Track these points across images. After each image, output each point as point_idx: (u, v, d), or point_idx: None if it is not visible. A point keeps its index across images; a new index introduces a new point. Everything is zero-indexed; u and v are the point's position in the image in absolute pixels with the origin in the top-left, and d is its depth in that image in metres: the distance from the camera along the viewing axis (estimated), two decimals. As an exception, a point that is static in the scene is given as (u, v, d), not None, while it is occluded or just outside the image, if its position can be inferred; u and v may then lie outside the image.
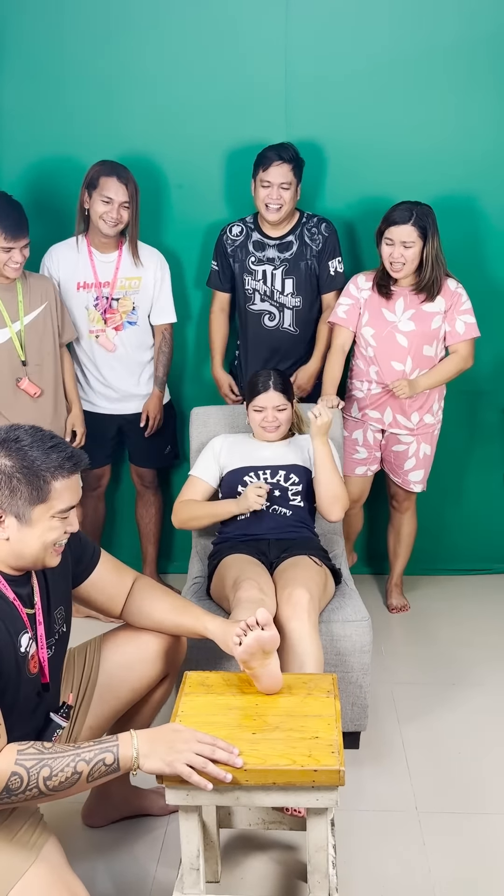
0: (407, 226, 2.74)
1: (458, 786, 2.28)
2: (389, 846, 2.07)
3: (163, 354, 3.12)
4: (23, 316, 2.77)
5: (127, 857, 2.04)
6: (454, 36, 3.01)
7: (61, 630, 1.72)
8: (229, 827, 1.98)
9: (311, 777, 1.56)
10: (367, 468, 3.13)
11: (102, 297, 2.97)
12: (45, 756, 1.44)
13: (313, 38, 3.05)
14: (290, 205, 2.91)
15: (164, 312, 3.09)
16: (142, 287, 3.01)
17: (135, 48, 3.07)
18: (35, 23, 3.05)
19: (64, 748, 1.47)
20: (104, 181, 2.82)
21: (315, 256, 3.00)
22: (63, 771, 1.43)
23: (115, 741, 1.51)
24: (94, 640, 1.95)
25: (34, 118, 3.12)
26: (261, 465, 2.60)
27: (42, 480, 1.51)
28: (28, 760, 1.42)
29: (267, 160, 2.85)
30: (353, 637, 2.32)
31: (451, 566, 3.56)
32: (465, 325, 2.89)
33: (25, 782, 1.41)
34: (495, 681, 2.78)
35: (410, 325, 2.87)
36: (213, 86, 3.08)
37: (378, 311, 2.90)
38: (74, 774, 1.45)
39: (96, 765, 1.47)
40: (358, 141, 3.11)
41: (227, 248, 3.04)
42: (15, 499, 1.50)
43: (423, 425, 3.01)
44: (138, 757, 1.50)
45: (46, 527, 1.55)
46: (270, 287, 3.02)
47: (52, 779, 1.43)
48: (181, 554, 3.48)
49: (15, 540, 1.54)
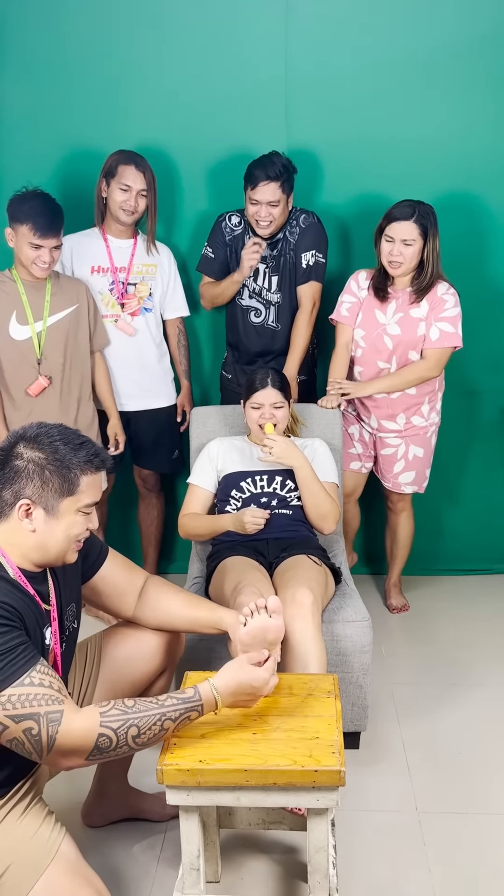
0: (409, 222, 2.72)
1: (458, 786, 2.28)
2: (389, 846, 2.07)
3: (182, 347, 3.16)
4: (46, 316, 2.77)
5: (127, 857, 2.04)
6: (454, 35, 3.01)
7: (72, 626, 1.75)
8: (229, 827, 1.98)
9: (312, 777, 1.56)
10: (362, 465, 3.14)
11: (119, 282, 2.97)
12: (130, 715, 1.52)
13: (313, 38, 3.05)
14: (280, 219, 2.88)
15: (178, 307, 3.11)
16: (158, 274, 3.02)
17: (135, 48, 3.06)
18: (36, 22, 3.05)
19: (146, 705, 1.54)
20: (122, 169, 2.83)
21: (293, 249, 2.97)
22: (151, 729, 1.53)
23: (199, 700, 1.59)
24: (94, 636, 1.97)
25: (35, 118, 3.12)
26: (257, 470, 2.59)
27: (72, 474, 1.57)
28: (114, 721, 1.50)
29: (254, 179, 2.80)
30: (353, 637, 2.32)
31: (451, 566, 3.56)
32: (439, 332, 2.82)
33: (115, 742, 1.50)
34: (495, 681, 2.78)
35: (397, 329, 2.86)
36: (213, 85, 3.08)
37: (371, 313, 2.89)
38: (161, 731, 1.55)
39: (182, 721, 1.58)
40: (357, 140, 3.11)
41: (225, 237, 3.02)
42: (46, 490, 1.56)
43: (412, 427, 2.99)
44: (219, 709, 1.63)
45: (72, 521, 1.60)
46: (259, 285, 3.01)
47: (140, 736, 1.52)
48: (181, 554, 3.48)
49: (41, 532, 1.58)
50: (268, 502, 2.54)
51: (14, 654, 1.46)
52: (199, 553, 2.76)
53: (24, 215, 2.63)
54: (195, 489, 2.65)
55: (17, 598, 1.54)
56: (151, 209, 2.93)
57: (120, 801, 2.12)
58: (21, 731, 1.45)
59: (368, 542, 3.55)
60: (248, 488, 2.56)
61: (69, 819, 2.12)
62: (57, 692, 1.47)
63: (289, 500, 2.55)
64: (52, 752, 1.47)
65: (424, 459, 3.07)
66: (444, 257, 2.86)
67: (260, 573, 2.34)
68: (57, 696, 1.47)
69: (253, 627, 1.72)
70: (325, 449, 2.67)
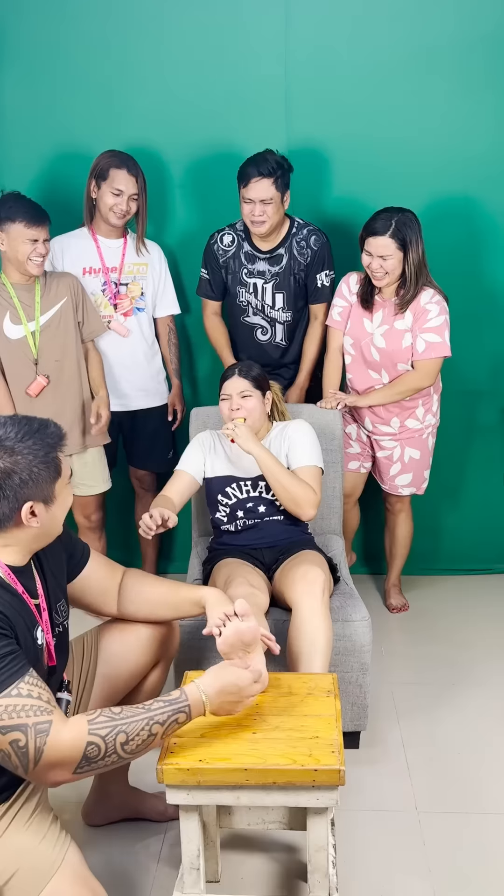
0: (384, 238, 2.65)
1: (458, 786, 2.28)
2: (389, 846, 2.07)
3: (173, 346, 3.15)
4: (38, 316, 2.78)
5: (127, 856, 2.04)
6: (454, 35, 3.01)
7: (63, 624, 1.74)
8: (229, 827, 1.98)
9: (312, 777, 1.56)
10: (361, 465, 3.13)
11: (111, 283, 2.97)
12: (118, 722, 1.49)
13: (313, 38, 3.05)
14: (274, 218, 2.83)
15: (168, 305, 3.11)
16: (149, 273, 3.02)
17: (135, 48, 3.07)
18: (37, 22, 3.05)
19: (134, 710, 1.52)
20: (114, 173, 2.82)
21: (303, 270, 2.96)
22: (139, 735, 1.49)
23: (185, 700, 1.56)
24: (90, 631, 1.98)
25: (35, 117, 3.12)
26: (242, 476, 2.52)
27: (51, 456, 1.58)
28: (101, 728, 1.47)
29: (246, 176, 2.74)
30: (353, 637, 2.32)
31: (451, 566, 3.55)
32: (425, 343, 2.78)
33: (104, 750, 1.47)
34: (495, 681, 2.77)
35: (383, 342, 2.85)
36: (213, 85, 3.08)
37: (359, 320, 2.89)
38: (150, 737, 1.51)
39: (170, 725, 1.54)
40: (358, 140, 3.11)
41: (218, 258, 3.00)
42: (40, 485, 1.56)
43: (407, 430, 2.99)
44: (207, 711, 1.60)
45: (65, 496, 1.63)
46: (262, 301, 3.00)
47: (129, 743, 1.49)
48: (181, 554, 3.48)
49: (45, 522, 1.59)
50: (255, 507, 2.50)
51: (2, 665, 1.44)
52: (199, 553, 2.76)
53: (14, 212, 2.64)
54: (180, 473, 2.55)
55: (5, 601, 1.52)
56: (142, 211, 2.93)
57: (121, 801, 2.12)
58: (7, 743, 1.42)
59: (368, 542, 3.55)
60: (234, 493, 2.52)
61: (70, 818, 2.13)
62: (46, 703, 1.45)
63: (277, 504, 2.50)
64: (39, 764, 1.43)
65: (421, 462, 3.05)
66: (444, 256, 2.86)
67: (251, 568, 2.35)
68: (46, 707, 1.44)
69: (227, 635, 1.70)
70: (303, 432, 2.55)
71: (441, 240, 3.05)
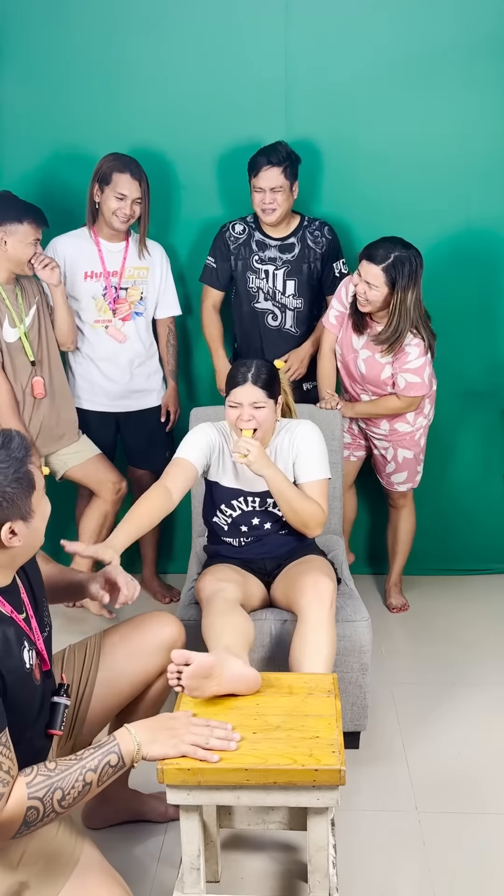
0: (376, 267, 2.59)
1: (458, 786, 2.28)
2: (389, 846, 2.07)
3: (171, 347, 3.15)
4: (24, 317, 2.80)
5: (127, 857, 2.04)
6: (454, 36, 3.01)
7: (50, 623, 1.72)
8: (229, 827, 1.98)
9: (312, 776, 1.56)
10: (352, 453, 3.14)
11: (111, 287, 2.97)
12: (54, 779, 1.45)
13: (313, 38, 3.05)
14: (284, 206, 2.89)
15: (169, 306, 3.12)
16: (150, 277, 3.02)
17: (135, 48, 3.07)
18: (38, 21, 3.06)
19: (67, 763, 1.48)
20: (117, 177, 2.82)
21: (318, 259, 3.00)
22: (74, 787, 1.46)
23: (114, 740, 1.53)
24: (94, 636, 1.96)
25: (35, 117, 3.13)
26: (250, 490, 2.38)
27: (24, 469, 1.51)
28: (39, 790, 1.43)
29: (257, 165, 2.83)
30: (353, 637, 2.32)
31: (451, 566, 3.55)
32: (405, 382, 2.77)
33: (42, 811, 1.43)
34: (495, 681, 2.77)
35: (363, 367, 2.85)
36: (213, 85, 3.09)
37: (349, 332, 2.88)
38: (85, 786, 1.48)
39: (103, 770, 1.50)
40: (358, 140, 3.11)
41: (229, 246, 3.02)
42: (15, 504, 1.49)
43: (396, 433, 2.98)
44: (140, 747, 1.54)
45: (43, 507, 1.58)
46: (273, 287, 3.02)
47: (65, 799, 1.46)
48: (180, 554, 3.47)
49: (26, 537, 1.53)
50: (260, 523, 2.41)
51: None
52: (199, 553, 2.76)
53: (20, 214, 2.64)
54: (181, 461, 2.31)
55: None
56: (144, 215, 2.93)
57: (120, 804, 2.12)
58: None
59: (368, 542, 3.56)
60: (240, 506, 2.42)
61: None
62: (6, 773, 1.40)
63: (283, 520, 2.39)
64: None
65: (414, 460, 3.06)
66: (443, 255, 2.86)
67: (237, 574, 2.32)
68: (4, 779, 1.40)
69: (189, 688, 1.71)
70: (311, 441, 2.37)
71: (440, 239, 3.05)
